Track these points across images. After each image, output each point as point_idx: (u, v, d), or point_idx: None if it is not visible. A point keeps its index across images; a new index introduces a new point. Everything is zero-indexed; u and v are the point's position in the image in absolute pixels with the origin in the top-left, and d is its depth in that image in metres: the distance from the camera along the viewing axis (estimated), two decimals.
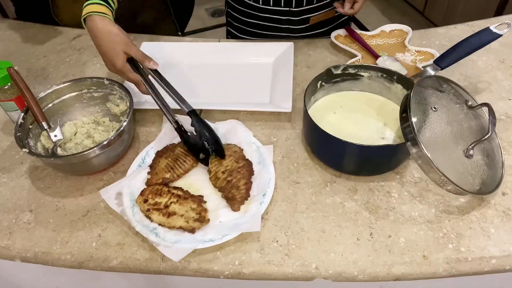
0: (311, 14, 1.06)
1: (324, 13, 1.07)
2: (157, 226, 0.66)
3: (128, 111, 0.76)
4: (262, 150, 0.77)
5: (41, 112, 0.76)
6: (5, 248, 0.68)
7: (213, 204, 0.70)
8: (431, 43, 1.04)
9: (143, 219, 0.67)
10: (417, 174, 0.74)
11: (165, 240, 0.64)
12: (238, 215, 0.68)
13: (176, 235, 0.65)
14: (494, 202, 0.70)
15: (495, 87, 0.91)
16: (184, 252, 0.63)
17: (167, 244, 0.64)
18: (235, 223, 0.66)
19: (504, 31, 0.78)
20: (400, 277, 0.62)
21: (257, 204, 0.68)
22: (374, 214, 0.69)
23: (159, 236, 0.65)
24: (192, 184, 0.74)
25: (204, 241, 0.64)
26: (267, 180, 0.72)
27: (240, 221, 0.67)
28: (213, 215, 0.68)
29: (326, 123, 0.76)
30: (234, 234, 0.65)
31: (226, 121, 0.83)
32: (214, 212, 0.69)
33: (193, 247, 0.63)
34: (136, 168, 0.75)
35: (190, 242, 0.64)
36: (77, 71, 1.01)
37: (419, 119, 0.64)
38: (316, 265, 0.63)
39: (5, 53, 1.09)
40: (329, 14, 1.09)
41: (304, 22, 1.08)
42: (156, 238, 0.64)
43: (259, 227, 0.65)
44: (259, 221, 0.66)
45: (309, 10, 1.05)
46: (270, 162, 0.75)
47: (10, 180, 0.78)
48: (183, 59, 1.01)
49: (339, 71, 0.80)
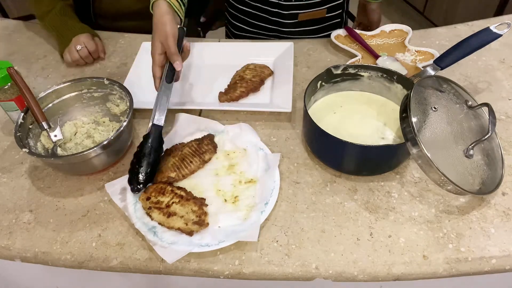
0: (299, 11, 1.07)
1: (313, 12, 1.08)
2: (156, 224, 0.67)
3: (128, 111, 0.76)
4: (270, 158, 0.76)
5: (41, 112, 0.76)
6: (5, 248, 0.68)
7: (214, 208, 0.70)
8: (431, 43, 1.04)
9: (144, 216, 0.68)
10: (417, 174, 0.74)
11: (162, 240, 0.64)
12: (238, 222, 0.68)
13: (174, 236, 0.65)
14: (494, 202, 0.70)
15: (495, 87, 0.91)
16: (179, 254, 0.63)
17: (163, 245, 0.64)
18: (233, 230, 0.66)
19: (504, 31, 0.78)
20: (400, 277, 0.62)
21: (257, 213, 0.68)
22: (374, 214, 0.69)
23: (157, 235, 0.65)
24: (196, 185, 0.74)
25: (200, 245, 0.64)
26: (271, 189, 0.71)
27: (239, 228, 0.66)
28: (213, 219, 0.68)
29: (326, 123, 0.76)
30: (231, 241, 0.64)
31: (235, 124, 0.82)
32: (214, 216, 0.69)
33: (188, 251, 0.63)
34: None
35: (186, 244, 0.64)
36: (77, 71, 1.01)
37: (419, 119, 0.64)
38: (316, 265, 0.63)
39: (5, 53, 1.09)
40: (319, 14, 1.09)
41: (293, 18, 1.09)
42: (154, 237, 0.65)
43: (256, 237, 0.64)
44: (257, 231, 0.65)
45: (298, 6, 1.06)
46: (276, 171, 0.74)
47: (10, 180, 0.78)
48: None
49: (339, 71, 0.80)
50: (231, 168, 0.76)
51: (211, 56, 1.02)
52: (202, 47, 1.04)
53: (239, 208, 0.70)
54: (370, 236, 0.66)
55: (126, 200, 0.70)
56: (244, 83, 0.91)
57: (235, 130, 0.81)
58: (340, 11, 1.14)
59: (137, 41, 1.08)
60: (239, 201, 0.71)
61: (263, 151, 0.78)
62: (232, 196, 0.71)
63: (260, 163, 0.76)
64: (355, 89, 0.84)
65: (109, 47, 1.08)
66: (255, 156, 0.77)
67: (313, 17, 1.10)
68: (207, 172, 0.76)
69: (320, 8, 1.08)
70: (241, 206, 0.70)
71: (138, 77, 0.95)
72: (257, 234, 0.65)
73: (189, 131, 0.82)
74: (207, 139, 0.79)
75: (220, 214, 0.69)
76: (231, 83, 0.94)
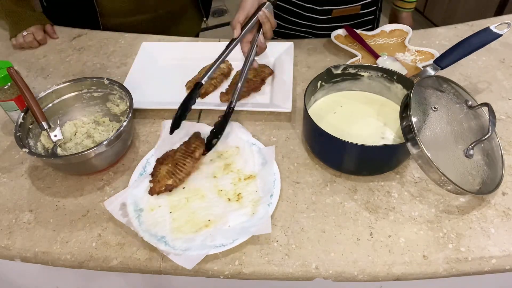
0: (334, 7, 1.08)
1: (347, 8, 1.08)
2: (165, 234, 0.65)
3: (128, 111, 0.76)
4: (264, 152, 0.77)
5: (41, 112, 0.76)
6: (5, 248, 0.68)
7: (220, 209, 0.69)
8: (431, 43, 1.04)
9: (150, 228, 0.66)
10: (417, 174, 0.74)
11: (175, 248, 0.63)
12: (246, 218, 0.68)
13: (186, 243, 0.64)
14: (494, 202, 0.70)
15: (495, 87, 0.91)
16: (197, 259, 0.62)
17: (177, 252, 0.63)
18: (243, 227, 0.66)
19: (504, 31, 0.78)
20: (400, 277, 0.62)
21: (265, 205, 0.68)
22: (374, 214, 0.69)
23: (169, 245, 0.64)
24: (197, 190, 0.73)
25: (216, 246, 0.63)
26: (272, 181, 0.72)
27: (249, 224, 0.66)
28: (222, 220, 0.68)
29: (326, 123, 0.76)
30: (244, 238, 0.64)
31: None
32: (222, 217, 0.68)
33: (205, 253, 0.63)
34: (138, 177, 0.74)
35: (200, 248, 0.63)
36: (77, 71, 1.01)
37: (419, 119, 0.64)
38: (316, 265, 0.63)
39: (5, 53, 1.09)
40: (353, 10, 1.10)
41: (327, 14, 1.09)
42: (165, 247, 0.64)
43: (270, 229, 0.65)
44: (269, 222, 0.66)
45: (333, 2, 1.07)
46: (273, 162, 0.75)
47: (10, 180, 0.78)
48: (183, 59, 1.01)
49: (339, 71, 0.80)
50: (227, 168, 0.76)
51: (211, 56, 1.02)
52: (202, 47, 1.04)
53: (244, 204, 0.70)
54: (370, 236, 0.66)
55: (128, 215, 0.68)
56: (245, 82, 0.91)
57: (226, 130, 0.80)
58: (374, 8, 1.14)
59: (137, 41, 1.08)
60: (242, 198, 0.71)
61: (256, 146, 0.78)
62: (235, 194, 0.71)
63: (255, 158, 0.76)
64: (355, 89, 0.84)
65: (109, 47, 1.08)
66: (249, 152, 0.77)
67: (347, 13, 1.10)
68: (205, 175, 0.75)
69: (354, 5, 1.08)
70: (245, 203, 0.70)
71: (138, 77, 0.95)
72: (269, 226, 0.65)
73: (179, 136, 0.80)
74: (193, 137, 0.79)
75: (227, 214, 0.69)
76: (232, 83, 0.94)
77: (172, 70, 0.99)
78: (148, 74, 0.98)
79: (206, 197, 0.71)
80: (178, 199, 0.71)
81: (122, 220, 0.68)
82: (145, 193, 0.72)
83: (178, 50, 1.04)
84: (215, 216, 0.68)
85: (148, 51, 1.02)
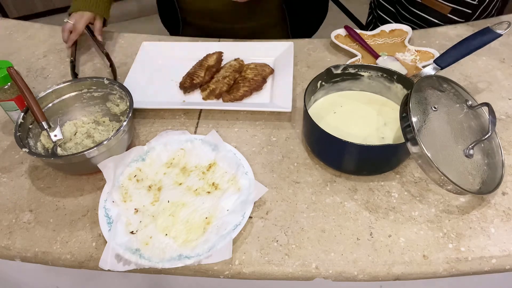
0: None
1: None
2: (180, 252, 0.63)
3: (128, 111, 0.76)
4: (208, 139, 0.78)
5: (41, 112, 0.76)
6: (5, 248, 0.68)
7: (208, 204, 0.69)
8: (431, 43, 1.04)
9: (161, 256, 0.63)
10: (417, 174, 0.74)
11: (201, 254, 0.62)
12: (237, 195, 0.69)
13: (205, 244, 0.63)
14: (494, 202, 0.70)
15: (495, 87, 0.91)
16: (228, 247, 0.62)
17: (207, 255, 0.62)
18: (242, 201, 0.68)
19: (504, 31, 0.78)
20: (400, 276, 0.62)
21: (243, 176, 0.71)
22: (374, 214, 0.69)
23: (192, 256, 0.62)
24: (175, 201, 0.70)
25: (233, 230, 0.64)
26: (233, 155, 0.75)
27: (243, 197, 0.69)
28: (218, 210, 0.68)
29: (326, 123, 0.76)
30: (250, 208, 0.67)
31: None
32: (216, 208, 0.68)
33: (230, 239, 0.63)
34: (108, 225, 0.66)
35: (222, 239, 0.64)
36: (77, 71, 1.01)
37: (419, 119, 0.64)
38: (316, 265, 0.63)
39: (5, 53, 1.09)
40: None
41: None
42: (192, 260, 0.62)
43: (265, 188, 0.69)
44: (260, 185, 0.69)
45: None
46: (222, 142, 0.77)
47: (10, 180, 0.78)
48: (183, 59, 1.01)
49: (339, 71, 0.80)
50: (184, 171, 0.74)
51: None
52: (202, 47, 1.04)
53: (224, 187, 0.71)
54: (370, 236, 0.66)
55: (132, 261, 0.62)
56: (246, 82, 0.91)
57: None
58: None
59: (137, 41, 1.08)
60: (218, 184, 0.71)
61: (197, 140, 0.78)
62: (210, 185, 0.72)
63: (203, 148, 0.77)
64: (355, 89, 0.84)
65: (109, 47, 1.08)
66: (195, 147, 0.78)
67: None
68: (171, 188, 0.72)
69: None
70: (224, 185, 0.71)
71: (138, 77, 0.95)
72: (262, 187, 0.69)
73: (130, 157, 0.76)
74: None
75: (217, 203, 0.69)
76: (233, 83, 0.94)
77: (172, 70, 0.99)
78: (148, 74, 0.98)
79: (188, 203, 0.69)
80: (163, 220, 0.67)
81: (131, 268, 0.62)
82: (127, 235, 0.65)
83: (178, 50, 1.04)
84: (209, 212, 0.68)
85: (148, 51, 1.02)
